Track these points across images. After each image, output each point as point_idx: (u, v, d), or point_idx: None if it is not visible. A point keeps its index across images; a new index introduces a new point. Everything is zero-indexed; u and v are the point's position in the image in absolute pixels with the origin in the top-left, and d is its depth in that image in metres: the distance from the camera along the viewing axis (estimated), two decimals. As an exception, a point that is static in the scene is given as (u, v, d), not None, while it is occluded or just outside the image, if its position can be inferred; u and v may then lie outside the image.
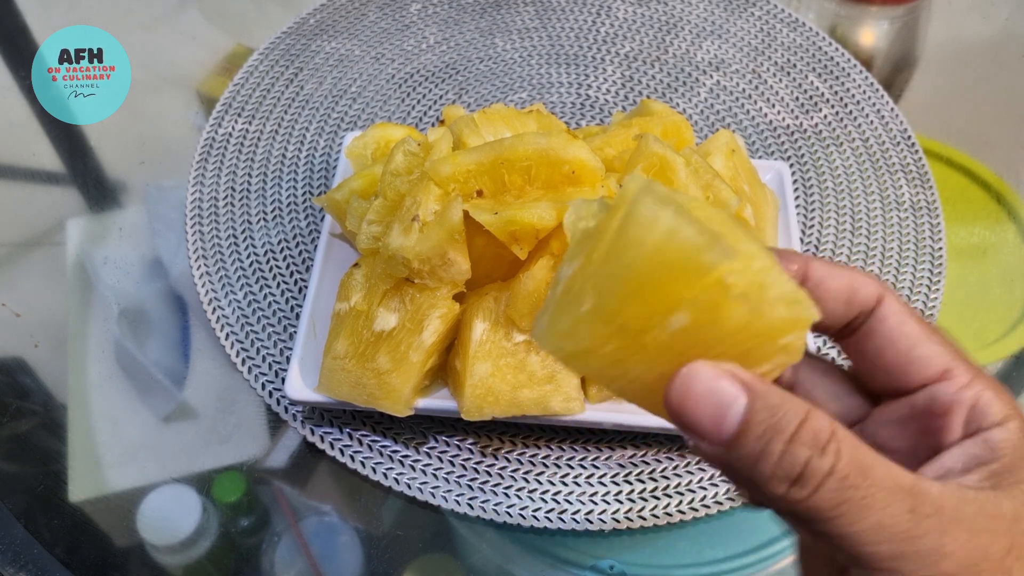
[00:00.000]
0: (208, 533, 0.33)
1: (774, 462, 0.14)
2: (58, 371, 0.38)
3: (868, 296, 0.17)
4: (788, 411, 0.14)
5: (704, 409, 0.14)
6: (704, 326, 0.14)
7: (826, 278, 0.17)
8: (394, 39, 0.51)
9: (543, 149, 0.29)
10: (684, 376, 0.15)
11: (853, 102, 0.47)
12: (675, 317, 0.14)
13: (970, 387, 0.16)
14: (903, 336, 0.17)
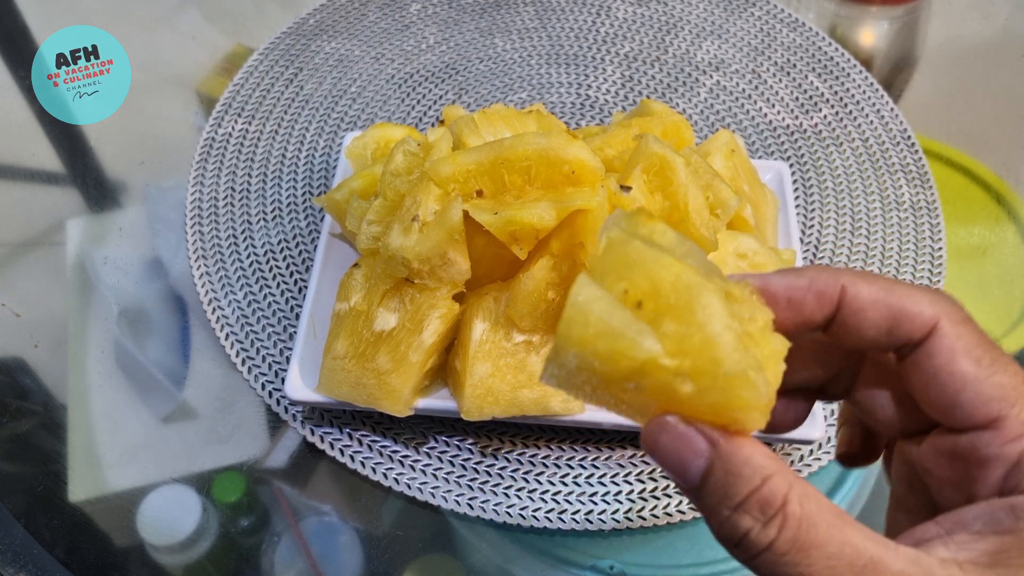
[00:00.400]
0: (208, 533, 0.33)
1: (719, 522, 0.15)
2: (58, 371, 0.38)
3: (915, 329, 0.16)
4: (742, 476, 0.14)
5: (670, 458, 0.15)
6: (661, 393, 0.14)
7: (868, 306, 0.16)
8: (394, 39, 0.51)
9: (543, 149, 0.29)
10: (653, 425, 0.15)
11: (853, 102, 0.47)
12: (633, 386, 0.15)
13: (1018, 442, 0.15)
14: (950, 376, 0.15)
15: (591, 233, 0.28)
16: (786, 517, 0.14)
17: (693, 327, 0.14)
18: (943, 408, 0.16)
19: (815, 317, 0.16)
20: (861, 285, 0.16)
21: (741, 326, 0.15)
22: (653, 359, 0.14)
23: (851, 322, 0.16)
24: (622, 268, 0.15)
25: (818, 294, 0.16)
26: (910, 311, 0.16)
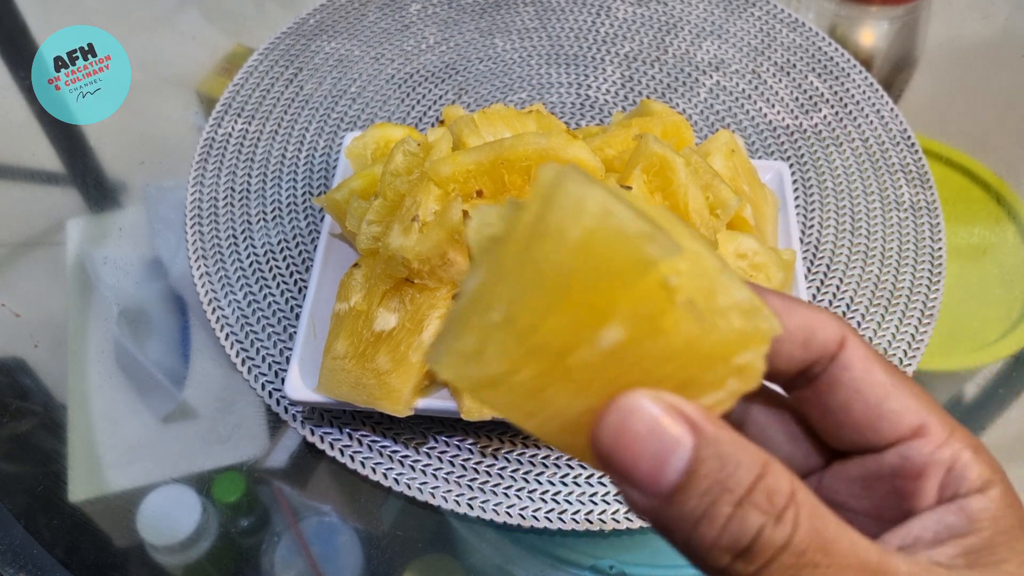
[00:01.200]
0: (208, 533, 0.33)
1: (719, 527, 0.12)
2: (58, 371, 0.38)
3: (829, 339, 0.14)
4: (742, 463, 0.12)
5: (641, 453, 0.12)
6: (642, 343, 0.11)
7: (783, 313, 0.14)
8: (394, 39, 0.51)
9: (543, 149, 0.29)
10: (619, 409, 0.12)
11: (853, 102, 0.47)
12: (607, 331, 0.11)
13: (947, 446, 0.14)
14: (871, 387, 0.14)
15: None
16: (799, 507, 0.12)
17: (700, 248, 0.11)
18: (867, 423, 0.14)
19: None
20: (772, 296, 0.15)
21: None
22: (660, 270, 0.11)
23: None
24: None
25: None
26: (821, 321, 0.15)
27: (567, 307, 0.11)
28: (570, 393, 0.12)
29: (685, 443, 0.12)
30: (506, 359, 0.11)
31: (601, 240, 0.11)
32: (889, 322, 0.39)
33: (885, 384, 0.14)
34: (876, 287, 0.40)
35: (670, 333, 0.11)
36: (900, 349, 0.38)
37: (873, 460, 0.15)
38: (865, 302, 0.39)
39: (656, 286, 0.11)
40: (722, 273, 0.12)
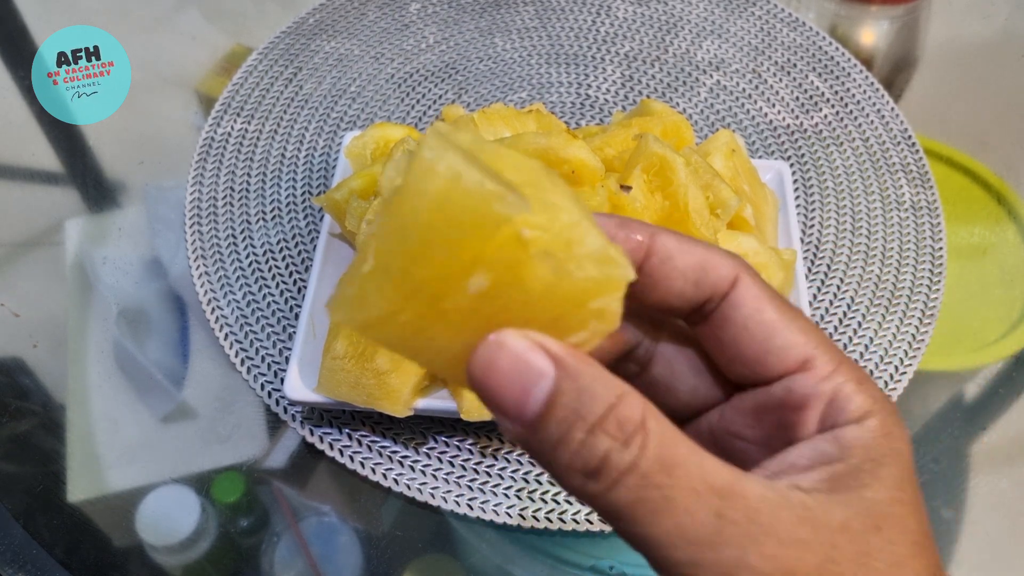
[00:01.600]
0: (207, 534, 0.33)
1: (572, 451, 0.13)
2: (57, 371, 0.38)
3: (720, 278, 0.15)
4: (597, 394, 0.13)
5: (508, 384, 0.13)
6: (506, 289, 0.12)
7: (676, 254, 0.15)
8: (393, 39, 0.51)
9: (543, 149, 0.29)
10: (488, 346, 0.13)
11: (853, 102, 0.47)
12: (472, 280, 0.12)
13: (830, 379, 0.15)
14: (760, 324, 0.15)
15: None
16: (647, 434, 0.13)
17: (553, 202, 0.12)
18: (755, 358, 0.15)
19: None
20: (667, 235, 0.15)
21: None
22: (515, 225, 0.12)
23: (661, 270, 0.15)
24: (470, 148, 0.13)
25: (627, 238, 0.15)
26: (714, 261, 0.15)
27: (433, 259, 0.12)
28: (450, 332, 0.13)
29: (547, 375, 0.13)
30: (384, 302, 0.13)
31: (453, 200, 0.12)
32: (890, 322, 0.38)
33: (774, 321, 0.15)
34: (877, 287, 0.40)
35: (529, 280, 0.12)
36: (901, 349, 0.38)
37: (763, 392, 0.15)
38: (866, 302, 0.39)
39: (511, 239, 0.12)
40: (579, 225, 0.13)
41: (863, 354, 0.37)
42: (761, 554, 0.13)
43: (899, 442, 0.14)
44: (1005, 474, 0.35)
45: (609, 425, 0.13)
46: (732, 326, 0.15)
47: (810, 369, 0.15)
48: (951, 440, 0.36)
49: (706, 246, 0.16)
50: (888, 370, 0.37)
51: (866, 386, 0.15)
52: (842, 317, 0.39)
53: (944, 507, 0.34)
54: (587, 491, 0.13)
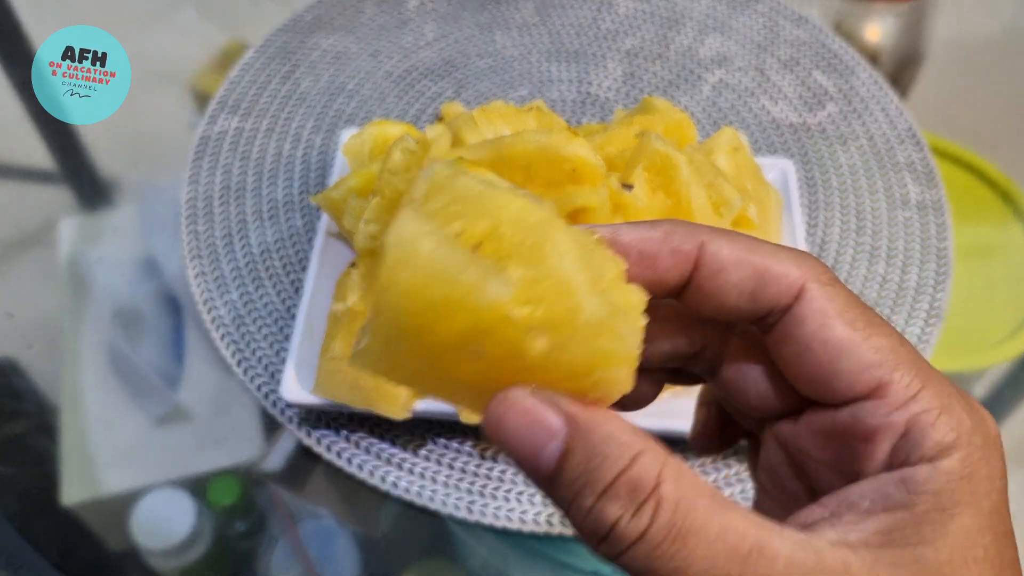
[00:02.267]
0: (203, 537, 0.33)
1: (583, 516, 0.12)
2: (51, 372, 0.38)
3: (781, 292, 0.14)
4: (608, 455, 0.12)
5: (519, 442, 0.12)
6: (508, 359, 0.12)
7: (728, 265, 0.14)
8: (392, 35, 0.50)
9: (543, 147, 0.28)
10: (497, 403, 0.12)
11: (858, 99, 0.47)
12: (472, 352, 0.12)
13: (906, 408, 0.13)
14: (824, 343, 0.13)
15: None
16: (660, 500, 0.12)
17: (544, 270, 0.12)
18: (819, 380, 0.14)
19: (670, 276, 0.14)
20: (722, 242, 0.14)
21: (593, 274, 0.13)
22: (501, 308, 0.11)
23: (711, 284, 0.14)
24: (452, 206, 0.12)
25: (674, 250, 0.14)
26: (775, 271, 0.14)
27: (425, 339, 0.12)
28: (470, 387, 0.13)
29: (558, 435, 0.12)
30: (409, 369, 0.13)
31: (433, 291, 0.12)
32: (895, 322, 0.38)
33: (842, 340, 0.13)
34: (882, 286, 0.39)
35: (529, 353, 0.12)
36: (906, 350, 0.37)
37: (831, 415, 0.14)
38: (871, 302, 0.39)
39: (499, 320, 0.12)
40: (575, 293, 0.12)
41: (868, 355, 0.37)
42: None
43: (984, 483, 0.12)
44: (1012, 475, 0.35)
45: (620, 490, 0.12)
46: (795, 343, 0.14)
47: (884, 396, 0.13)
48: (957, 442, 0.36)
49: (768, 251, 0.14)
50: (893, 371, 0.36)
51: (952, 415, 0.13)
52: (847, 317, 0.38)
53: (950, 511, 0.34)
54: (600, 552, 0.12)
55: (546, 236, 0.12)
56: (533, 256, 0.12)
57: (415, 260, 0.12)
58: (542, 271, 0.12)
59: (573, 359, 0.12)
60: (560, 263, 0.12)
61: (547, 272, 0.12)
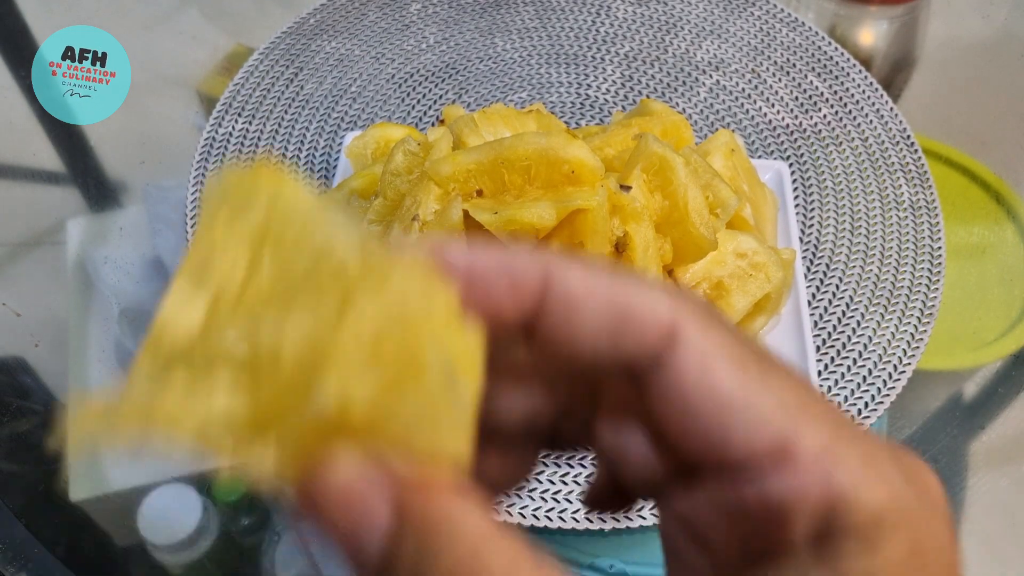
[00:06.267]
0: (209, 532, 0.33)
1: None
2: (58, 371, 0.38)
3: (647, 333, 0.11)
4: (443, 551, 0.09)
5: (338, 527, 0.10)
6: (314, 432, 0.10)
7: (579, 302, 0.11)
8: (394, 39, 0.51)
9: (543, 149, 0.29)
10: (308, 480, 0.10)
11: (852, 102, 0.47)
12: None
13: (820, 469, 0.10)
14: (709, 396, 0.10)
15: (591, 233, 0.28)
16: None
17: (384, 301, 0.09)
18: (708, 444, 0.11)
19: (507, 310, 0.11)
20: (572, 273, 0.11)
21: (410, 317, 0.10)
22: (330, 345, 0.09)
23: (561, 322, 0.11)
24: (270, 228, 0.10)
25: (512, 279, 0.11)
26: (638, 307, 0.11)
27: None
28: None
29: (385, 523, 0.09)
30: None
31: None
32: (888, 321, 0.39)
33: (730, 391, 0.10)
34: (876, 286, 0.40)
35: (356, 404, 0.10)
36: (899, 348, 0.38)
37: (731, 485, 0.11)
38: (864, 301, 0.39)
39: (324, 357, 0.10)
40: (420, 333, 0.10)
41: (861, 354, 0.38)
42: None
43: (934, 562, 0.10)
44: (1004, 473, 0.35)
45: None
46: (673, 398, 0.11)
47: (789, 458, 0.10)
48: (950, 439, 0.36)
49: (631, 284, 0.11)
50: (887, 370, 0.37)
51: (877, 468, 0.10)
52: (841, 317, 0.39)
53: (943, 506, 0.34)
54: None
55: (374, 257, 0.10)
56: (365, 279, 0.10)
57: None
58: (370, 301, 0.10)
59: (394, 426, 0.10)
60: (390, 292, 0.10)
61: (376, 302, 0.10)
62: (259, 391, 0.10)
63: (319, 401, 0.09)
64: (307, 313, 0.10)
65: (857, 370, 0.37)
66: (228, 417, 0.10)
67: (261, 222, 0.11)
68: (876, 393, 0.36)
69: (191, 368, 0.10)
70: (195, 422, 0.10)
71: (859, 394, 0.36)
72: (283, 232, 0.11)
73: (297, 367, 0.10)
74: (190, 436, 0.10)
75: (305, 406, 0.10)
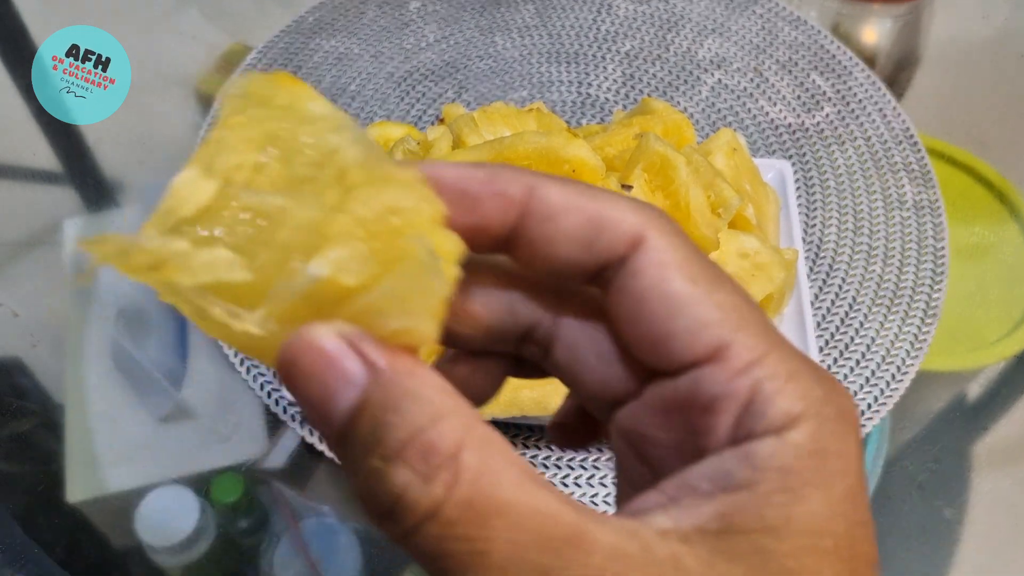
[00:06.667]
0: (207, 534, 0.33)
1: (364, 481, 0.10)
2: (56, 371, 0.38)
3: (617, 240, 0.12)
4: (407, 413, 0.10)
5: (310, 386, 0.11)
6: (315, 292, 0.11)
7: (559, 212, 0.12)
8: (393, 37, 0.51)
9: (543, 148, 0.29)
10: (294, 340, 0.11)
11: (855, 100, 0.47)
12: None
13: (747, 373, 0.11)
14: (661, 298, 0.12)
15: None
16: (459, 470, 0.10)
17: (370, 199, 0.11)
18: (656, 341, 0.12)
19: (494, 221, 0.12)
20: (552, 186, 0.12)
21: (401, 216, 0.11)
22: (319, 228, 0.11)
23: (540, 232, 0.12)
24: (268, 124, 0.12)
25: (499, 192, 0.12)
26: (611, 217, 0.12)
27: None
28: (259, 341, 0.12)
29: (357, 383, 0.10)
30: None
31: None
32: (892, 322, 0.38)
33: (680, 294, 0.12)
34: (879, 286, 0.40)
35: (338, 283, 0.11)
36: (902, 349, 0.37)
37: (671, 386, 0.12)
38: (867, 302, 0.39)
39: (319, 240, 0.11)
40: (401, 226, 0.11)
41: (864, 354, 0.37)
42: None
43: (835, 462, 0.11)
44: (1007, 474, 0.35)
45: (411, 453, 0.10)
46: (630, 298, 0.12)
47: (723, 360, 0.11)
48: (953, 440, 0.36)
49: (605, 196, 0.12)
50: (890, 370, 0.37)
51: (800, 382, 0.11)
52: (844, 317, 0.39)
53: (946, 507, 0.34)
54: (385, 532, 0.10)
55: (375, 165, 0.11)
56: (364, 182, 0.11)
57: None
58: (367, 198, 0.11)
59: (375, 301, 0.11)
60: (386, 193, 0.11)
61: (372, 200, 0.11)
62: (256, 261, 0.11)
63: (314, 270, 0.11)
64: (309, 200, 0.11)
65: (860, 371, 0.36)
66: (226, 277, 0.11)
67: (275, 123, 0.12)
68: (879, 394, 0.36)
69: (196, 236, 0.11)
70: (197, 277, 0.11)
71: (862, 395, 0.36)
72: (295, 133, 0.12)
73: (294, 242, 0.11)
74: (190, 288, 0.11)
75: (298, 276, 0.11)
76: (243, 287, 0.11)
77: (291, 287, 0.11)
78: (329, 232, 0.11)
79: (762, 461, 0.11)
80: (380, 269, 0.11)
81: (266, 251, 0.11)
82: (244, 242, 0.11)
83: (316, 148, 0.12)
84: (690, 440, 0.12)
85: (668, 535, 0.11)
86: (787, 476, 0.11)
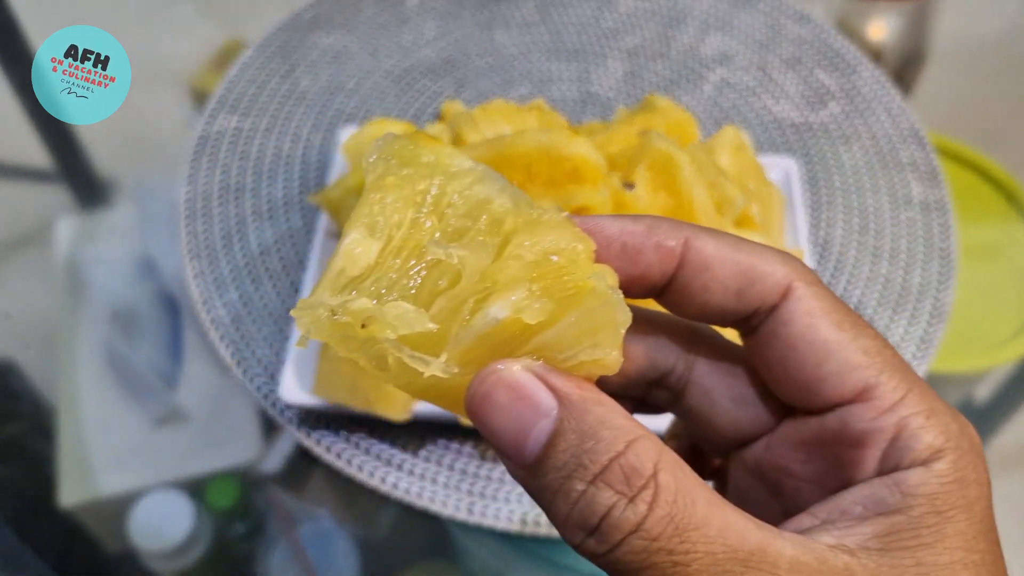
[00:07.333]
0: (201, 539, 0.32)
1: (571, 503, 0.11)
2: (48, 373, 0.37)
3: (767, 290, 0.13)
4: (602, 438, 0.11)
5: (506, 422, 0.12)
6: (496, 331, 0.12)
7: (714, 263, 0.13)
8: (391, 33, 0.50)
9: (544, 146, 0.28)
10: (483, 378, 0.12)
11: (861, 98, 0.46)
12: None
13: (893, 411, 0.13)
14: (811, 344, 0.13)
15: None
16: (658, 489, 0.11)
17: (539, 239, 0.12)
18: (804, 383, 0.13)
19: (652, 272, 0.14)
20: (707, 239, 0.13)
21: (561, 256, 0.12)
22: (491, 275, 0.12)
23: (696, 282, 0.13)
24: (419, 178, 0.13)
25: (658, 244, 0.13)
26: (761, 269, 0.13)
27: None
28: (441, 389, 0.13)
29: (549, 415, 0.12)
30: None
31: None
32: (899, 323, 0.38)
33: (828, 341, 0.13)
34: (885, 287, 0.39)
35: (520, 322, 0.12)
36: (910, 350, 0.37)
37: (816, 423, 0.13)
38: (874, 302, 0.38)
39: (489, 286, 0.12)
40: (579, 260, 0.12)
41: (871, 356, 0.37)
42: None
43: (974, 489, 0.12)
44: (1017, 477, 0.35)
45: (613, 476, 0.11)
46: (780, 344, 0.13)
47: (870, 399, 0.13)
48: (961, 444, 0.36)
49: (754, 249, 0.14)
50: (897, 372, 0.36)
51: (939, 419, 0.13)
52: (850, 318, 0.38)
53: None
54: (587, 549, 0.11)
55: (526, 211, 0.13)
56: (521, 228, 0.12)
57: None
58: (528, 243, 0.12)
59: (556, 336, 0.12)
60: (544, 236, 0.12)
61: (533, 244, 0.12)
62: (431, 310, 0.12)
63: (496, 312, 0.12)
64: (473, 248, 0.12)
65: (866, 373, 0.36)
66: (418, 327, 0.12)
67: (424, 180, 0.13)
68: (886, 397, 0.35)
69: (371, 292, 0.12)
70: (397, 330, 0.12)
71: (868, 398, 0.35)
72: (444, 188, 0.13)
73: (467, 289, 0.12)
74: (388, 342, 0.12)
75: (478, 320, 0.12)
76: (425, 336, 0.12)
77: (472, 331, 0.12)
78: (500, 277, 0.12)
79: (912, 488, 0.12)
80: (557, 306, 0.12)
81: (442, 300, 0.12)
82: (417, 293, 0.12)
83: (466, 200, 0.13)
84: (833, 471, 0.13)
85: (836, 550, 0.12)
86: (935, 501, 0.12)
